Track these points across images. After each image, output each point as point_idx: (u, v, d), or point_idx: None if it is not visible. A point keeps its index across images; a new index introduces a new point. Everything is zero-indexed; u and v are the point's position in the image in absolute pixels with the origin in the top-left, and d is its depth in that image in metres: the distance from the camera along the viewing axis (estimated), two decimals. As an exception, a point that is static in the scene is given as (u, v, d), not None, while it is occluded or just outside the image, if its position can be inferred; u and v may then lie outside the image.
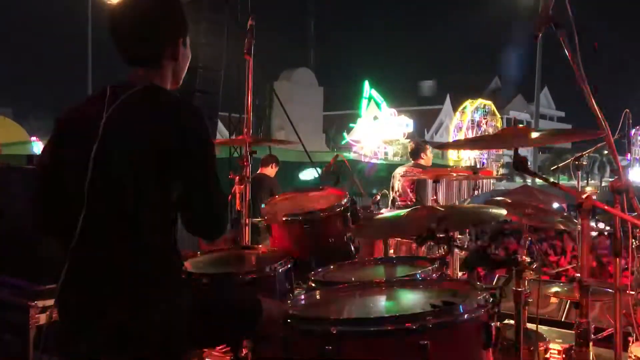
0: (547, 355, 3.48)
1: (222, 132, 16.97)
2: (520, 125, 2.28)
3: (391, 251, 4.34)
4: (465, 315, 1.72)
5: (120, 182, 1.83)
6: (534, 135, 2.11)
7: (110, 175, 1.83)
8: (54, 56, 50.60)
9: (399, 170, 6.50)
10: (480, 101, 29.75)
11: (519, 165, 2.09)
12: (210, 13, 11.10)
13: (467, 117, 28.73)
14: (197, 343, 2.14)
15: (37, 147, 14.57)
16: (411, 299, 2.07)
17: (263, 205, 3.31)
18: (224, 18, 11.65)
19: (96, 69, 24.69)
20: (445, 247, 2.66)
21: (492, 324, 1.78)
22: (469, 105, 29.13)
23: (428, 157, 6.63)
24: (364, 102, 25.69)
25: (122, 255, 1.84)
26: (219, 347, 2.87)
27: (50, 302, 3.16)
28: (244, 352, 2.45)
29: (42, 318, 3.22)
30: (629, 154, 4.37)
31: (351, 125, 25.28)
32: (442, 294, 2.00)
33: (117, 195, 1.83)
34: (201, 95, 11.04)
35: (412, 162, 6.71)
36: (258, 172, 7.09)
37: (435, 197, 4.22)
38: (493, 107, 30.03)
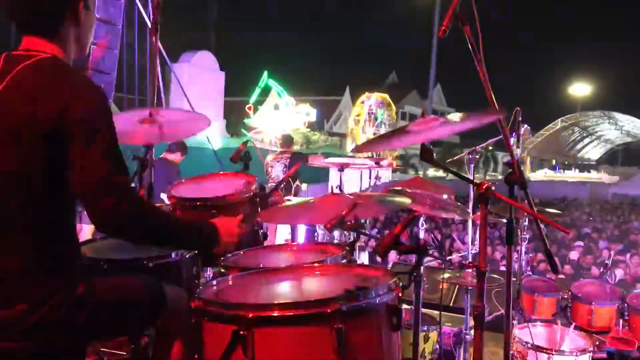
0: (440, 338, 3.68)
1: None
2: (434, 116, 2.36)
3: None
4: (378, 299, 1.76)
5: (6, 161, 1.70)
6: (447, 119, 2.19)
7: None
8: None
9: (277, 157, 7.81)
10: (377, 94, 30.53)
11: (426, 157, 2.17)
12: (106, -12, 10.54)
13: (364, 112, 29.42)
14: (95, 335, 2.03)
15: None
16: (324, 284, 2.09)
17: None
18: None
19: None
20: (354, 233, 2.73)
21: (401, 308, 1.85)
22: (367, 98, 29.83)
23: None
24: (257, 91, 25.65)
25: (8, 241, 1.73)
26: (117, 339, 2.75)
27: None
28: (143, 342, 2.38)
29: None
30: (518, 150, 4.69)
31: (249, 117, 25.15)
32: (353, 279, 2.04)
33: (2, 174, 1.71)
34: (95, 73, 10.47)
35: (284, 149, 8.06)
36: (161, 156, 6.85)
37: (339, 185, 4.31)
38: (388, 98, 30.93)
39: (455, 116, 2.15)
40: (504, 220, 2.64)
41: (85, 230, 7.39)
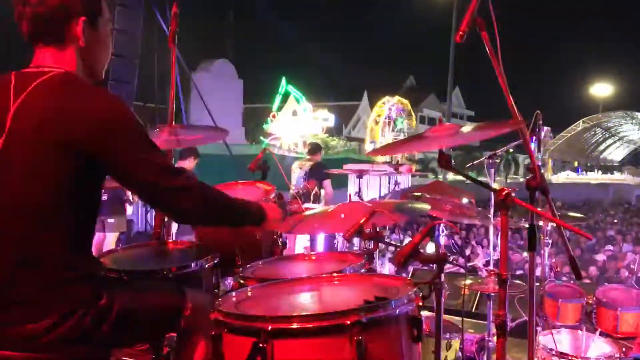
0: (462, 346, 3.63)
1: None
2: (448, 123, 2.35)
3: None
4: (398, 310, 1.74)
5: (28, 177, 1.72)
6: (464, 130, 2.17)
7: (18, 170, 1.73)
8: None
9: (300, 164, 7.70)
10: (397, 98, 30.51)
11: (444, 163, 2.15)
12: (124, -2, 10.69)
13: (384, 113, 29.41)
14: (118, 343, 2.05)
15: None
16: (343, 295, 2.08)
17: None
18: (138, 3, 11.25)
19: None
20: (372, 242, 2.70)
21: (422, 318, 1.82)
22: (387, 100, 29.83)
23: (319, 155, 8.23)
24: (278, 98, 25.76)
25: (26, 254, 1.74)
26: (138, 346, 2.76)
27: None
28: (165, 351, 2.38)
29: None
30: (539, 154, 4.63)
31: (266, 123, 25.26)
32: (373, 289, 2.02)
33: (23, 189, 1.73)
34: (115, 84, 10.61)
35: (309, 156, 7.97)
36: (176, 165, 6.93)
37: (358, 192, 4.29)
38: (409, 106, 30.90)
39: (472, 126, 2.13)
40: (526, 225, 2.60)
41: (109, 240, 7.47)
